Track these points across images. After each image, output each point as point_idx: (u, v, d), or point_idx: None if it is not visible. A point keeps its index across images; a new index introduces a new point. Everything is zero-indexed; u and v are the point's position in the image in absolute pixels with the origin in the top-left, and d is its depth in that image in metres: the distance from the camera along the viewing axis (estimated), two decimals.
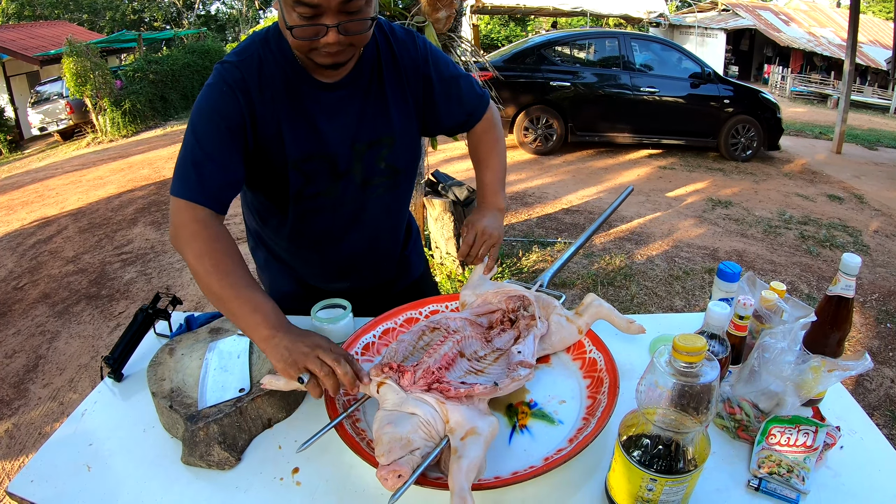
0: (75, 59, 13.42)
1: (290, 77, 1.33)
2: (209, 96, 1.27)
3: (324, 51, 1.21)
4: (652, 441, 0.89)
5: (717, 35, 22.35)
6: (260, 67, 1.30)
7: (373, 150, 1.45)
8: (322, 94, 1.36)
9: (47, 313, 4.82)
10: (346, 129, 1.40)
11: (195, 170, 1.24)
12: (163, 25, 32.32)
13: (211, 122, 1.26)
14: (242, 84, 1.27)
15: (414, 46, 1.46)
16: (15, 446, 3.20)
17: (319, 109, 1.37)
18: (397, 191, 1.59)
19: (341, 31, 1.17)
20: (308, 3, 1.12)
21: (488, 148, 1.65)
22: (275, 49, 1.32)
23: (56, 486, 1.11)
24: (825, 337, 1.19)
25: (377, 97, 1.42)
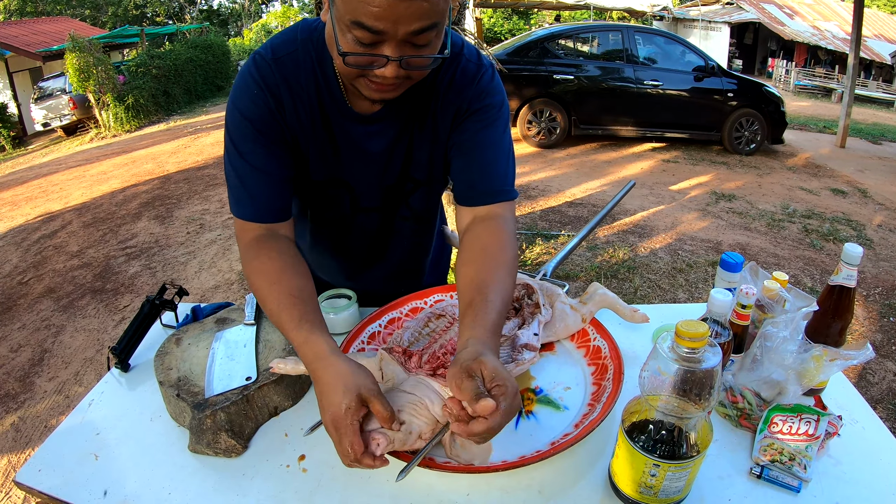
0: (78, 55, 13.43)
1: (324, 97, 1.17)
2: (241, 98, 1.14)
3: (375, 83, 1.02)
4: (655, 427, 0.90)
5: (721, 28, 22.26)
6: (297, 74, 1.15)
7: (400, 191, 1.34)
8: (353, 126, 1.21)
9: (52, 308, 4.84)
10: (372, 166, 1.27)
11: (240, 183, 1.16)
12: (165, 20, 32.33)
13: (245, 127, 1.14)
14: (275, 86, 1.13)
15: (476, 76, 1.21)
16: (21, 439, 3.22)
17: (346, 141, 1.23)
18: (422, 231, 1.50)
19: (403, 65, 0.98)
20: (370, 28, 0.91)
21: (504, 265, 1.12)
22: (315, 58, 1.15)
23: (63, 474, 1.11)
24: (827, 326, 1.19)
25: (416, 134, 1.25)
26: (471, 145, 1.22)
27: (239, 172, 1.15)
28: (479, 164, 1.23)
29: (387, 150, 1.25)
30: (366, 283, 1.57)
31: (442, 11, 0.94)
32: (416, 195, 1.35)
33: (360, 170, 1.27)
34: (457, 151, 1.24)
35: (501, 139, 1.23)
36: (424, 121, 1.23)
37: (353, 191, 1.30)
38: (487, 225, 1.19)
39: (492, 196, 1.22)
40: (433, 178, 1.33)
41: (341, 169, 1.26)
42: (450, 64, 1.19)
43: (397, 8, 0.88)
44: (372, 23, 0.90)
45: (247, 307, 1.43)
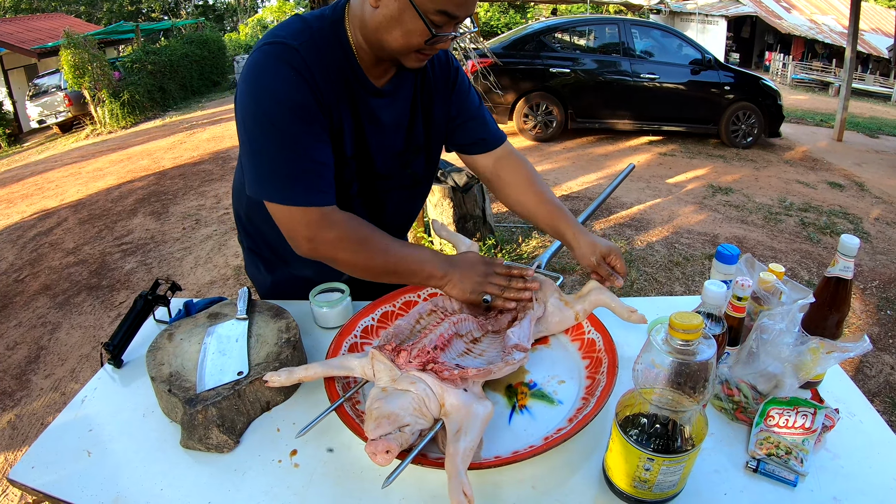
0: (73, 52, 13.40)
1: (348, 76, 1.30)
2: (279, 85, 1.19)
3: (424, 55, 1.25)
4: (649, 421, 0.89)
5: (718, 22, 22.26)
6: (321, 58, 1.24)
7: (404, 158, 1.50)
8: (370, 99, 1.36)
9: (48, 305, 4.83)
10: (385, 136, 1.42)
11: (303, 170, 1.22)
12: (160, 16, 32.24)
13: (294, 115, 1.20)
14: (307, 70, 1.20)
15: (448, 61, 1.52)
16: (17, 437, 3.21)
17: (367, 114, 1.36)
18: (416, 197, 1.65)
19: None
20: (453, 15, 1.16)
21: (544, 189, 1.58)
22: (334, 42, 1.27)
23: (57, 471, 1.11)
24: (824, 319, 1.19)
25: (414, 108, 1.46)
26: (467, 112, 1.55)
27: (296, 161, 1.22)
28: (478, 121, 1.57)
29: (395, 120, 1.43)
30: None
31: None
32: (419, 160, 1.53)
33: (378, 139, 1.41)
34: (459, 120, 1.55)
35: (481, 103, 1.60)
36: (419, 96, 1.46)
37: (371, 158, 1.43)
38: (511, 160, 1.61)
39: (499, 139, 1.61)
40: (431, 143, 1.54)
41: (363, 139, 1.38)
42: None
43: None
44: (455, 11, 1.15)
45: (239, 302, 1.42)
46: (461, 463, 0.91)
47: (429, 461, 0.99)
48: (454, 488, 0.87)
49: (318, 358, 1.38)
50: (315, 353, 1.40)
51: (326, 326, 1.50)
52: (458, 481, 0.88)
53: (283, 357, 1.24)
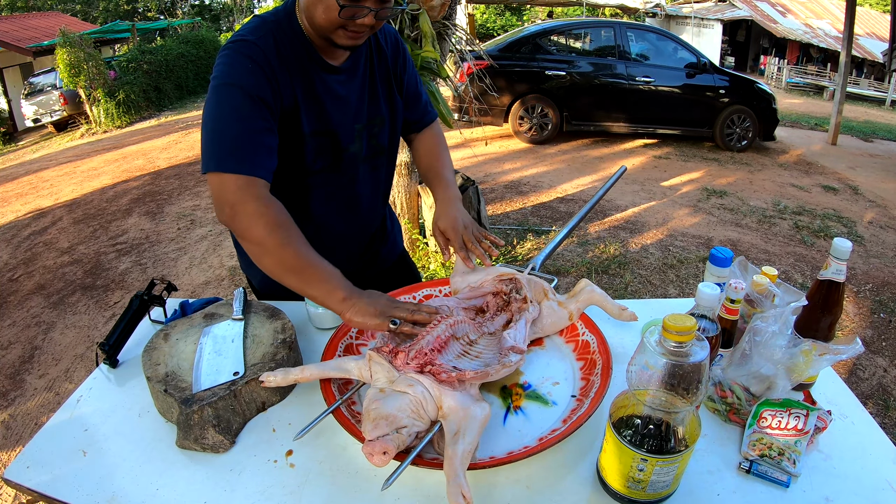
0: (69, 50, 13.33)
1: (303, 57, 1.39)
2: (234, 72, 1.29)
3: (351, 31, 1.30)
4: (643, 421, 0.90)
5: (714, 25, 22.31)
6: (277, 46, 1.35)
7: (367, 130, 1.57)
8: (327, 77, 1.44)
9: (42, 304, 4.81)
10: (347, 109, 1.50)
11: (243, 143, 1.25)
12: (156, 15, 32.15)
13: (244, 95, 1.27)
14: (265, 60, 1.31)
15: (396, 41, 1.63)
16: (11, 437, 3.20)
17: (325, 91, 1.45)
18: (385, 168, 1.73)
19: (376, 16, 1.28)
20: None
21: (441, 150, 1.77)
22: (288, 30, 1.38)
23: (52, 471, 1.11)
24: (816, 321, 1.19)
25: (370, 82, 1.55)
26: (408, 92, 1.67)
27: (240, 132, 1.26)
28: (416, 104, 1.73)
29: (353, 94, 1.51)
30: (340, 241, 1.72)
31: None
32: (381, 131, 1.62)
33: (339, 114, 1.49)
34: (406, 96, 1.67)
35: (419, 83, 1.73)
36: (377, 71, 1.56)
37: (335, 133, 1.49)
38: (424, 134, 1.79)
39: (428, 120, 1.78)
40: (393, 114, 1.64)
41: (324, 115, 1.46)
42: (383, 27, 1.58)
43: None
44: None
45: (235, 302, 1.43)
46: (460, 465, 0.91)
47: (426, 462, 0.99)
48: (453, 491, 0.88)
49: (313, 359, 1.38)
50: (310, 354, 1.41)
51: (322, 327, 1.51)
52: (457, 483, 0.88)
53: (279, 357, 1.25)
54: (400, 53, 1.62)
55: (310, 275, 1.23)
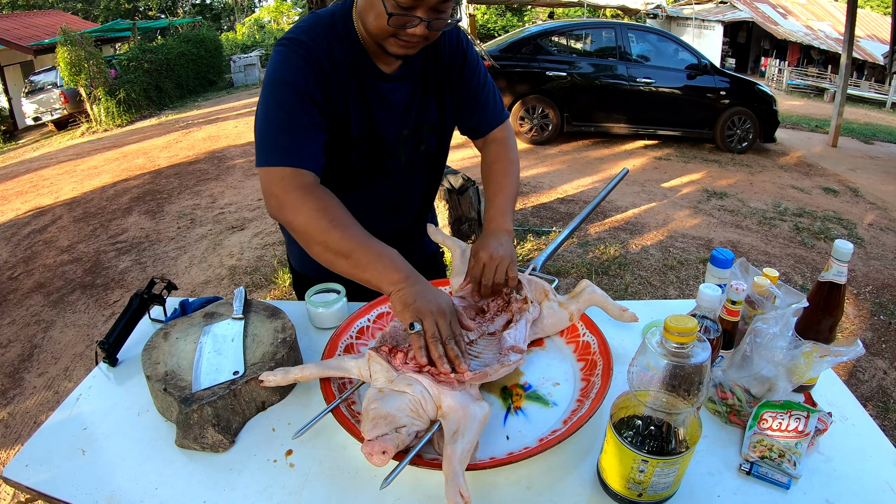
0: (69, 49, 13.34)
1: (356, 62, 1.40)
2: (287, 70, 1.31)
3: (403, 40, 1.28)
4: (643, 422, 0.90)
5: (715, 27, 22.32)
6: (330, 49, 1.35)
7: (415, 137, 1.57)
8: (380, 84, 1.44)
9: (42, 303, 4.81)
10: (395, 117, 1.50)
11: (288, 136, 1.29)
12: (157, 14, 32.16)
13: (293, 91, 1.30)
14: (317, 62, 1.33)
15: (457, 43, 1.55)
16: (10, 435, 3.20)
17: (376, 97, 1.45)
18: (432, 173, 1.71)
19: (428, 25, 1.25)
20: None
21: (503, 169, 1.63)
22: (342, 34, 1.38)
23: (51, 469, 1.11)
24: (817, 323, 1.19)
25: (423, 88, 1.52)
26: (469, 96, 1.60)
27: (287, 127, 1.30)
28: (477, 108, 1.63)
29: (404, 101, 1.50)
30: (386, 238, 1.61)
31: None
32: (430, 137, 1.60)
33: (386, 119, 1.48)
34: (462, 102, 1.61)
35: (486, 81, 1.63)
36: (431, 78, 1.53)
37: (381, 138, 1.50)
38: (492, 145, 1.67)
39: (491, 125, 1.67)
40: (441, 121, 1.60)
41: (373, 121, 1.46)
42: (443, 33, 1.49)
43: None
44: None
45: (235, 301, 1.42)
46: (458, 465, 0.91)
47: (425, 462, 0.99)
48: (451, 490, 0.87)
49: (313, 358, 1.38)
50: (311, 354, 1.41)
51: (322, 327, 1.50)
52: (456, 483, 0.88)
53: (279, 357, 1.25)
54: (459, 58, 1.56)
55: (359, 257, 1.20)
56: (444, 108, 1.58)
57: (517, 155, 1.69)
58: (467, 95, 1.60)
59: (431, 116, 1.57)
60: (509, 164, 1.64)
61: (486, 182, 1.64)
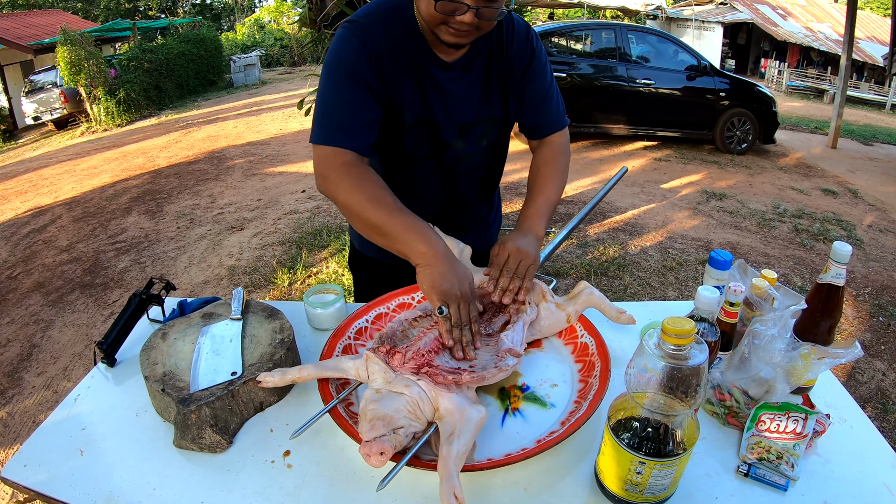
0: (69, 48, 13.34)
1: (413, 49, 1.39)
2: (343, 51, 1.35)
3: (453, 28, 1.27)
4: (641, 424, 0.90)
5: (715, 28, 22.32)
6: (388, 33, 1.36)
7: (476, 129, 1.56)
8: (437, 72, 1.43)
9: (41, 302, 4.81)
10: (453, 107, 1.49)
11: (335, 116, 1.35)
12: (157, 14, 32.15)
13: (346, 73, 1.34)
14: (373, 45, 1.34)
15: (527, 40, 1.52)
16: (9, 435, 3.19)
17: (432, 85, 1.44)
18: (491, 167, 1.71)
19: (478, 14, 1.23)
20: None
21: (549, 173, 1.61)
22: (403, 19, 1.38)
23: (49, 470, 1.11)
24: (815, 325, 1.19)
25: (485, 81, 1.50)
26: (532, 94, 1.57)
27: (335, 107, 1.35)
28: (538, 108, 1.61)
29: (463, 91, 1.48)
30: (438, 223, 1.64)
31: None
32: (490, 132, 1.59)
33: (443, 108, 1.47)
34: (525, 100, 1.58)
35: (551, 84, 1.60)
36: (495, 70, 1.50)
37: (438, 127, 1.49)
38: (546, 147, 1.66)
39: (548, 128, 1.65)
40: (505, 115, 1.58)
41: (428, 108, 1.46)
42: (508, 26, 1.48)
43: None
44: None
45: (233, 302, 1.42)
46: (453, 466, 0.91)
47: (422, 463, 0.99)
48: (446, 491, 0.88)
49: (311, 359, 1.38)
50: (309, 355, 1.41)
51: (320, 328, 1.51)
52: (450, 484, 0.88)
53: (277, 358, 1.25)
54: (527, 55, 1.52)
55: (391, 228, 1.28)
56: (507, 103, 1.57)
57: (568, 163, 1.67)
58: (531, 93, 1.57)
59: (494, 110, 1.56)
60: (557, 169, 1.62)
61: (531, 182, 1.62)
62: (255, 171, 8.26)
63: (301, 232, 5.70)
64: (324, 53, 3.60)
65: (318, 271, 4.79)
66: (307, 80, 4.44)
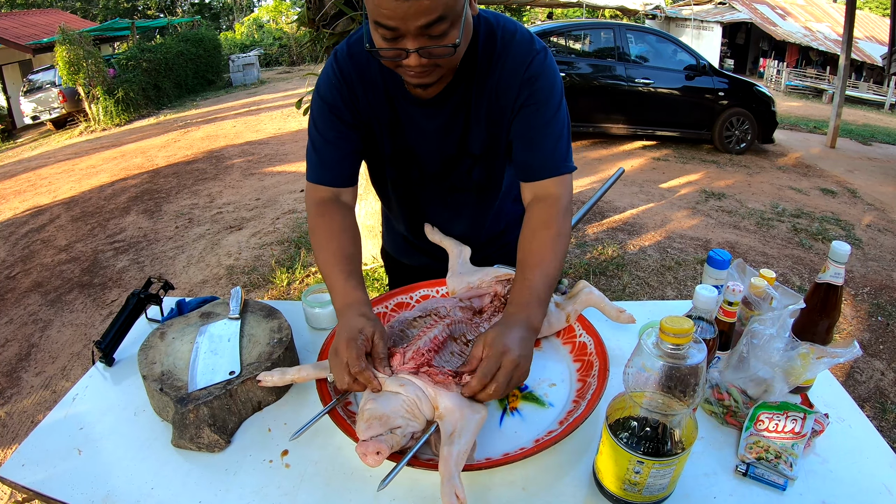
0: (68, 48, 13.35)
1: (389, 85, 1.34)
2: (321, 83, 1.36)
3: (411, 71, 1.15)
4: (639, 424, 0.90)
5: (714, 28, 22.31)
6: (368, 67, 1.33)
7: (462, 163, 1.46)
8: (412, 108, 1.36)
9: (40, 302, 4.81)
10: (431, 143, 1.42)
11: (315, 153, 1.37)
12: (156, 14, 32.11)
13: (323, 108, 1.35)
14: (349, 79, 1.33)
15: (526, 61, 1.29)
16: (7, 434, 3.19)
17: (408, 121, 1.39)
18: (482, 202, 1.58)
19: (423, 54, 1.10)
20: (386, 26, 1.05)
21: (548, 238, 1.29)
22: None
23: (47, 469, 1.11)
24: (814, 324, 1.19)
25: (464, 115, 1.36)
26: (523, 130, 1.34)
27: (315, 144, 1.37)
28: (530, 146, 1.35)
29: (442, 128, 1.39)
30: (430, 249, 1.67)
31: (447, 4, 1.04)
32: (476, 168, 1.47)
33: (422, 143, 1.42)
34: (514, 136, 1.36)
35: (552, 121, 1.33)
36: (474, 106, 1.35)
37: (419, 159, 1.45)
38: (540, 204, 1.35)
39: (537, 174, 1.36)
40: (491, 153, 1.44)
41: (406, 143, 1.42)
42: (503, 49, 1.29)
43: (402, 8, 1.01)
44: (386, 21, 1.04)
45: (232, 301, 1.42)
46: (454, 466, 0.91)
47: (421, 463, 0.99)
48: (447, 491, 0.87)
49: (310, 358, 1.38)
50: (307, 354, 1.41)
51: (318, 327, 1.51)
52: (451, 484, 0.88)
53: (275, 357, 1.24)
54: (520, 87, 1.30)
55: (327, 279, 1.29)
56: (492, 141, 1.40)
57: (569, 226, 1.35)
58: (523, 126, 1.34)
59: (474, 147, 1.41)
60: (557, 235, 1.29)
61: (524, 253, 1.29)
62: (253, 171, 8.26)
63: (300, 231, 5.70)
64: (322, 53, 3.59)
65: (317, 271, 4.79)
66: (306, 79, 4.43)
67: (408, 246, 1.79)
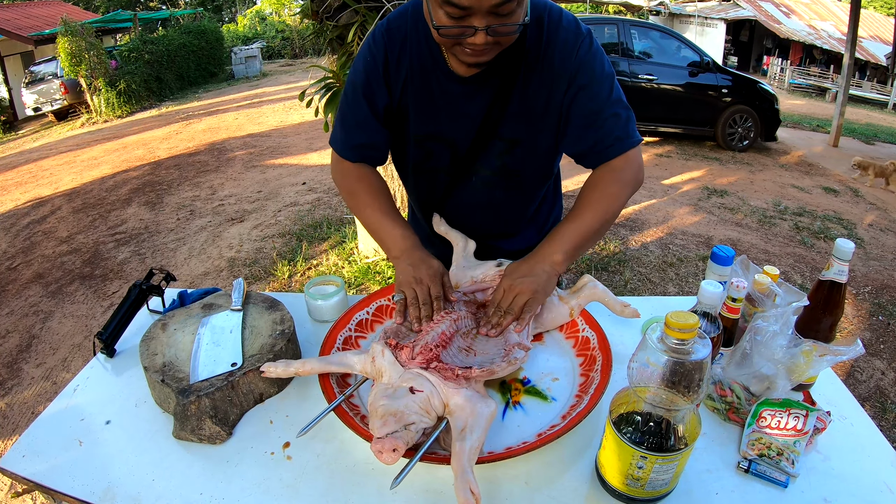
0: (70, 39, 13.33)
1: (426, 60, 1.33)
2: (357, 63, 1.39)
3: (469, 48, 1.15)
4: (643, 419, 0.89)
5: (717, 25, 22.29)
6: (404, 42, 1.33)
7: (493, 147, 1.42)
8: (452, 85, 1.34)
9: (41, 293, 4.81)
10: (468, 121, 1.38)
11: (343, 128, 1.44)
12: (158, 5, 32.05)
13: (356, 86, 1.38)
14: (383, 55, 1.34)
15: (574, 47, 1.29)
16: (8, 426, 3.20)
17: (445, 98, 1.36)
18: (511, 192, 1.53)
19: (490, 33, 1.11)
20: (458, 5, 1.06)
21: (595, 196, 1.35)
22: (422, 29, 1.32)
23: (48, 460, 1.11)
24: (817, 322, 1.19)
25: (507, 97, 1.34)
26: (579, 115, 1.33)
27: (344, 119, 1.43)
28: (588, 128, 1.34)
29: (481, 110, 1.36)
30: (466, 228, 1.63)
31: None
32: (510, 154, 1.43)
33: (457, 126, 1.40)
34: (574, 121, 1.34)
35: (606, 101, 1.32)
36: (519, 86, 1.33)
37: (452, 144, 1.43)
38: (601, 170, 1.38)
39: (602, 155, 1.36)
40: (528, 139, 1.40)
41: (439, 124, 1.40)
42: (552, 33, 1.29)
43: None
44: (459, 1, 1.05)
45: (234, 293, 1.42)
46: (468, 462, 0.91)
47: (427, 457, 0.99)
48: (461, 486, 0.87)
49: (312, 351, 1.38)
50: (309, 346, 1.40)
51: (321, 319, 1.50)
52: (465, 479, 0.88)
53: (278, 349, 1.24)
54: (570, 69, 1.29)
55: (374, 232, 1.43)
56: (536, 124, 1.37)
57: (624, 190, 1.37)
58: (577, 113, 1.33)
59: (512, 131, 1.39)
60: (604, 195, 1.35)
61: (574, 206, 1.38)
62: (255, 163, 8.26)
63: (301, 224, 5.70)
64: (325, 45, 3.58)
65: (319, 263, 4.79)
66: (308, 72, 4.42)
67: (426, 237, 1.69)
